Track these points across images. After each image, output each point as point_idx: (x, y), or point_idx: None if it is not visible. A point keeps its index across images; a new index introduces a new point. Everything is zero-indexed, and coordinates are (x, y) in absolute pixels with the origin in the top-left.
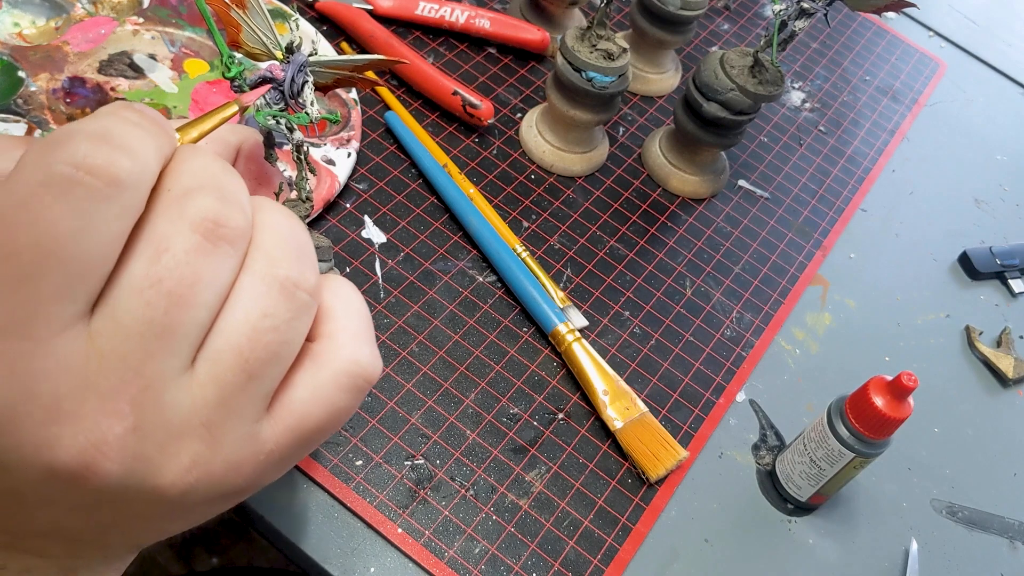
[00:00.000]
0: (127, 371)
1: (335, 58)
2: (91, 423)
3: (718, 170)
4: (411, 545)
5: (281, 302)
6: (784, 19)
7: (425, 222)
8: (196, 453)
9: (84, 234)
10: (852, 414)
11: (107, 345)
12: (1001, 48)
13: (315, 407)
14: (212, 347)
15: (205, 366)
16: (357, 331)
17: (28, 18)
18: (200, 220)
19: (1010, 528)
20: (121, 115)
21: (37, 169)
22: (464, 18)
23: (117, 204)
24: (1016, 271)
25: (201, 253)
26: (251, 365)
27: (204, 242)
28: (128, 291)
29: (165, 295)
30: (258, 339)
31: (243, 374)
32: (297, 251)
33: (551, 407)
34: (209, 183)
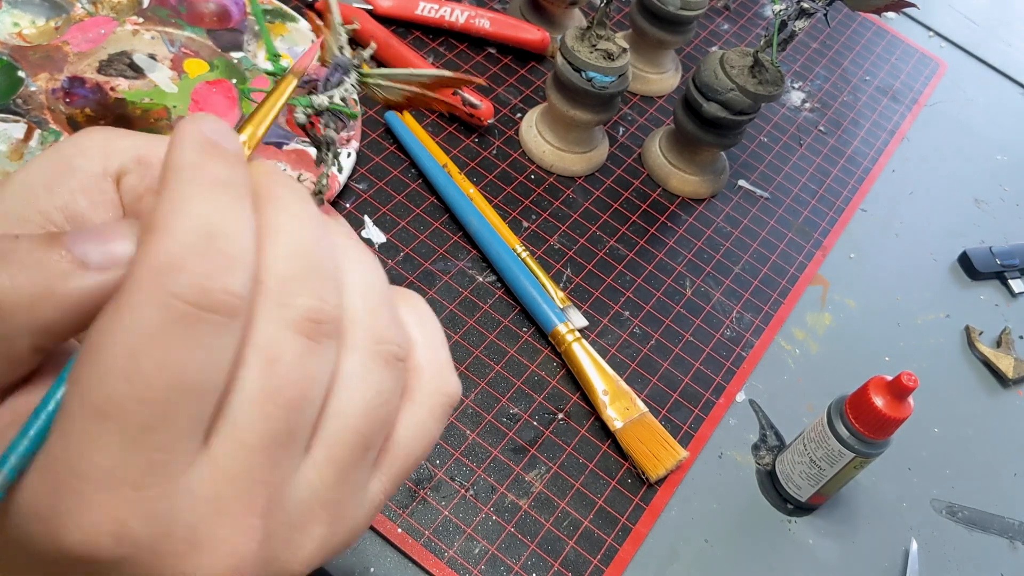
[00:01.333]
0: (254, 485)
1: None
2: (229, 547)
3: (718, 170)
4: (411, 545)
5: (387, 376)
6: (784, 19)
7: (425, 222)
8: (320, 536)
9: (210, 366)
10: (852, 414)
11: (232, 465)
12: (1001, 48)
13: (414, 445)
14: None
15: (321, 451)
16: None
17: (28, 18)
18: (302, 320)
19: (1010, 528)
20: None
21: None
22: (464, 18)
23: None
24: (1016, 271)
25: (309, 354)
26: (366, 439)
27: (309, 342)
28: (247, 407)
29: (284, 405)
30: (371, 415)
31: (360, 449)
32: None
33: (551, 407)
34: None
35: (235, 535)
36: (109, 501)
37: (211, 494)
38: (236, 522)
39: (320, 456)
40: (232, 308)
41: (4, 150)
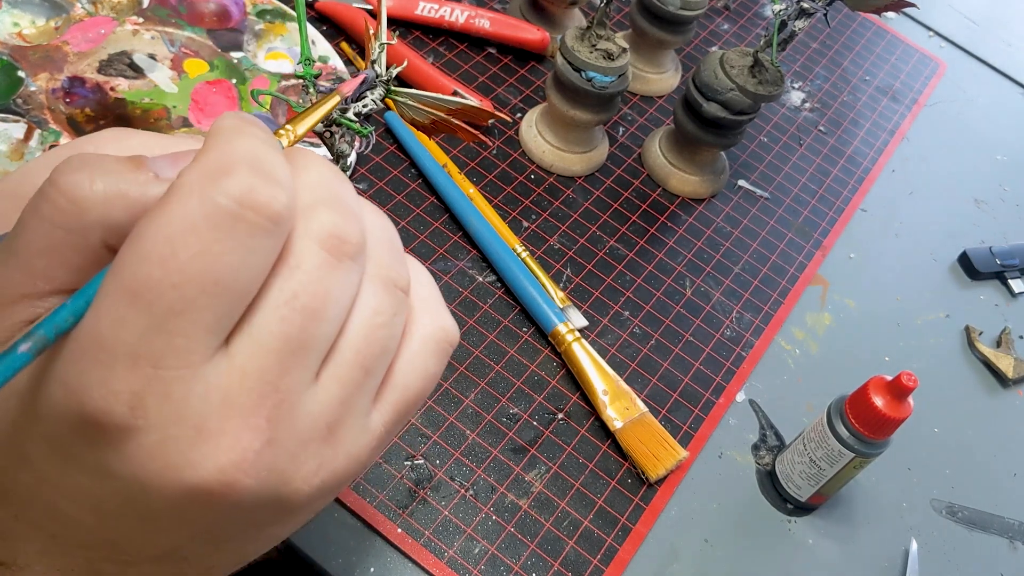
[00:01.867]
0: (265, 387)
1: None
2: (232, 440)
3: (718, 170)
4: (411, 545)
5: (387, 299)
6: (784, 19)
7: (425, 222)
8: (321, 456)
9: (243, 267)
10: (852, 414)
11: (248, 363)
12: (1001, 48)
13: (413, 379)
14: (335, 353)
15: (330, 370)
16: (435, 300)
17: (28, 18)
18: (326, 236)
19: (1010, 528)
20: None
21: (202, 200)
22: (464, 18)
23: (275, 238)
24: (1016, 271)
25: (329, 268)
26: (367, 361)
27: (330, 258)
28: (267, 309)
29: (300, 311)
30: (373, 336)
31: (361, 371)
32: (394, 250)
33: (551, 407)
34: (329, 197)
35: (241, 431)
36: (129, 374)
37: (225, 388)
38: (244, 419)
39: (327, 376)
40: (276, 215)
41: (4, 150)
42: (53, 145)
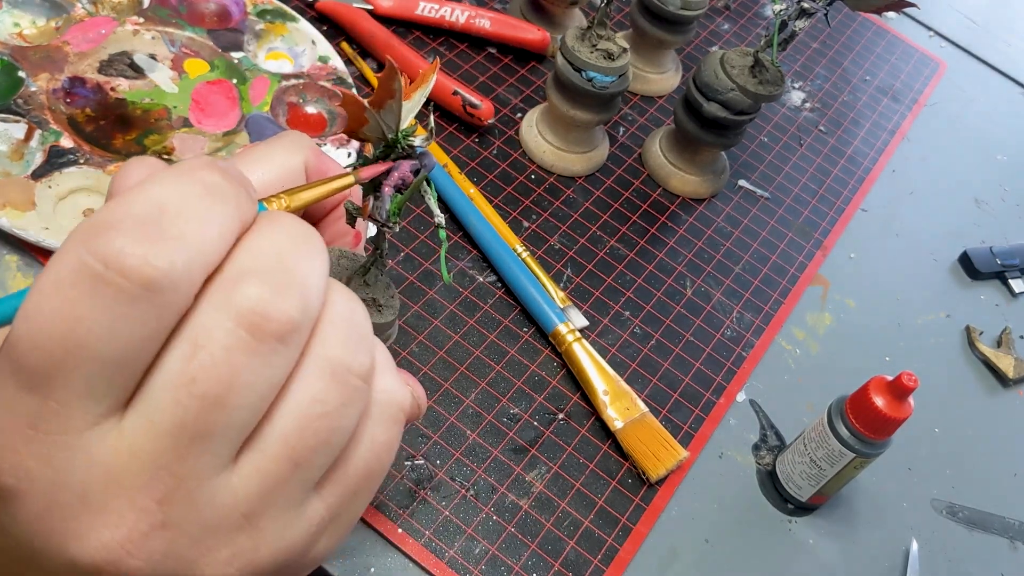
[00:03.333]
0: (157, 470)
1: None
2: (117, 519)
3: (718, 170)
4: (411, 545)
5: (333, 389)
6: (784, 19)
7: (425, 222)
8: (237, 546)
9: (112, 335)
10: (852, 414)
11: (137, 443)
12: (1001, 48)
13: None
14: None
15: (249, 458)
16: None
17: (28, 18)
18: (247, 312)
19: (1010, 528)
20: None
21: (72, 256)
22: (464, 18)
23: (151, 306)
24: (1016, 271)
25: (244, 350)
26: (298, 454)
27: (248, 338)
28: (160, 389)
29: (198, 397)
30: (307, 427)
31: (288, 463)
32: (353, 334)
33: (551, 407)
34: (268, 266)
35: (127, 511)
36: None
37: (111, 463)
38: (131, 499)
39: (245, 463)
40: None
41: (4, 150)
42: (54, 145)
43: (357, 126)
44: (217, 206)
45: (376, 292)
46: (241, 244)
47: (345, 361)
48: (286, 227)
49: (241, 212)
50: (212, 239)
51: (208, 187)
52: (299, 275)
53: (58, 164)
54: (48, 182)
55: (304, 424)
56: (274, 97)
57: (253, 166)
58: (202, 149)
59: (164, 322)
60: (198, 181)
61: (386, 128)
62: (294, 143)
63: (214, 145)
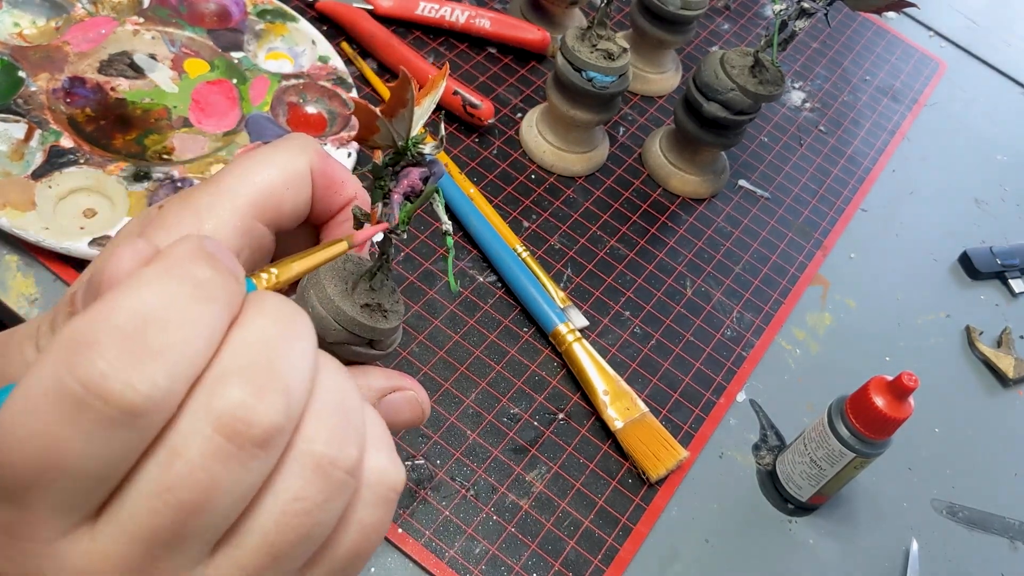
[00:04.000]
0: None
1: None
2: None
3: (718, 170)
4: (411, 545)
5: (315, 485)
6: (784, 19)
7: (425, 222)
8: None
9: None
10: (852, 414)
11: (110, 548)
12: (1001, 48)
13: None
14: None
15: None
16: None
17: (28, 18)
18: (227, 419)
19: (1010, 528)
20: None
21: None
22: (464, 18)
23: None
24: (1016, 271)
25: (222, 458)
26: (277, 549)
27: (228, 445)
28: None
29: (173, 505)
30: (287, 524)
31: (268, 558)
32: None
33: (551, 407)
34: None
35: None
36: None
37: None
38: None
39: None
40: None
41: (4, 150)
42: (54, 145)
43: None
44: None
45: (381, 297)
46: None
47: (330, 455)
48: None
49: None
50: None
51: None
52: (283, 371)
53: (58, 164)
54: (48, 182)
55: (284, 521)
56: (274, 97)
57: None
58: (202, 149)
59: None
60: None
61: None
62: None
63: (214, 145)
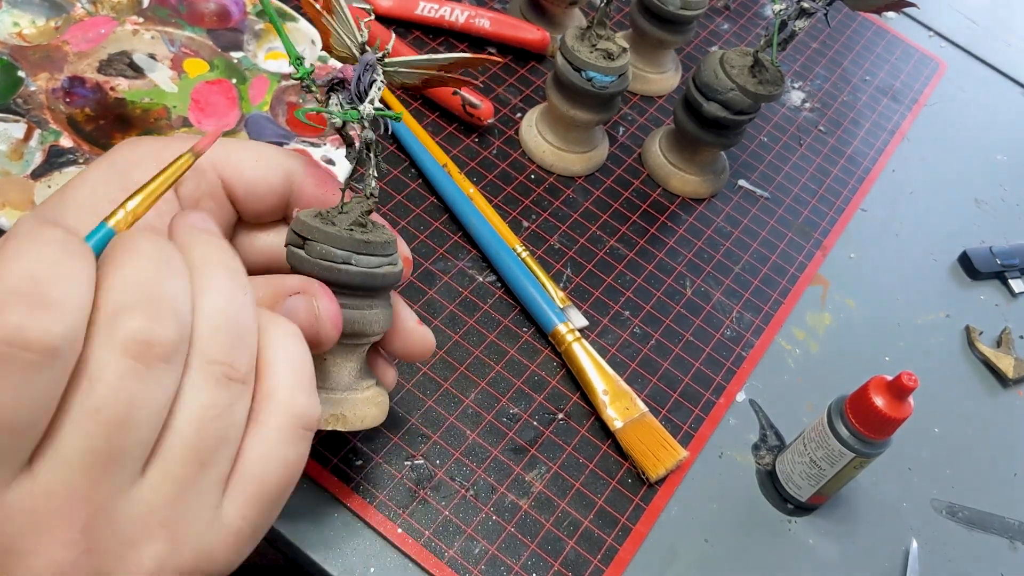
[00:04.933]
0: (75, 501)
1: (418, 58)
2: (45, 560)
3: (718, 170)
4: (411, 545)
5: (219, 393)
6: (784, 19)
7: (425, 222)
8: (158, 553)
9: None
10: (852, 414)
11: (53, 481)
12: (1001, 48)
13: (268, 468)
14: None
15: (157, 467)
16: (295, 381)
17: (28, 18)
18: (132, 343)
19: (1010, 528)
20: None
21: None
22: (464, 18)
23: (54, 369)
24: (1016, 271)
25: (135, 376)
26: (202, 454)
27: (136, 365)
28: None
29: (103, 424)
30: (205, 429)
31: (195, 464)
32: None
33: (551, 407)
34: (139, 298)
35: (53, 548)
36: None
37: (30, 508)
38: (55, 535)
39: (155, 473)
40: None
41: (4, 150)
42: (53, 145)
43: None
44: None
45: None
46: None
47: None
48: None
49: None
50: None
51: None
52: (168, 297)
53: (57, 164)
54: (47, 182)
55: (201, 426)
56: (274, 97)
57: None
58: None
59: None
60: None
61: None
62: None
63: None
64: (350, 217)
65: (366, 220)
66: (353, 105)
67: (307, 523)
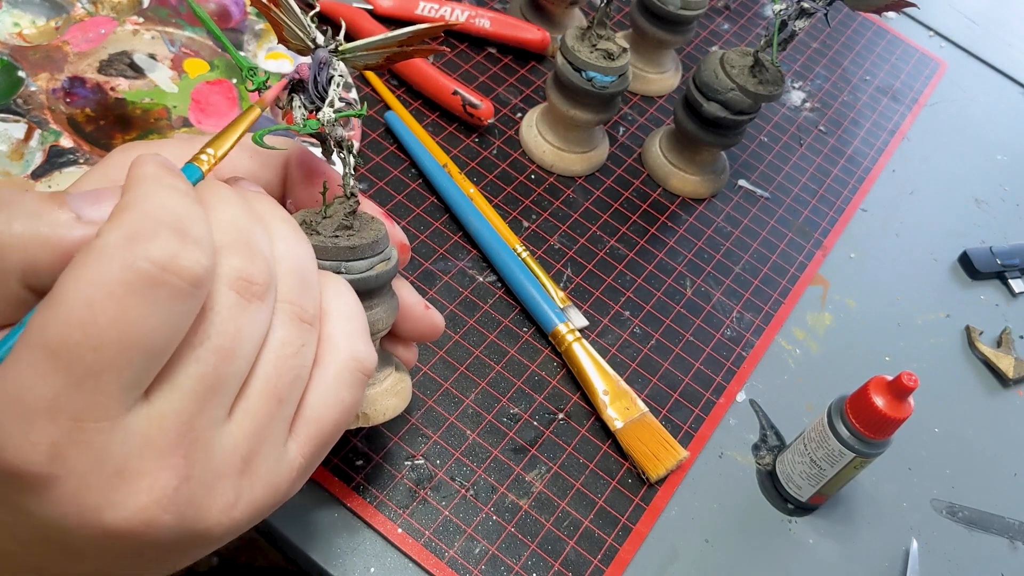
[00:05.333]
0: (182, 426)
1: (374, 39)
2: (152, 480)
3: (718, 170)
4: (411, 545)
5: (295, 332)
6: (784, 19)
7: (425, 222)
8: (238, 488)
9: (164, 328)
10: (852, 414)
11: (165, 406)
12: (1001, 48)
13: (328, 409)
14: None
15: (242, 405)
16: (351, 330)
17: (28, 18)
18: (236, 279)
19: (1010, 528)
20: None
21: (124, 265)
22: (464, 18)
23: (197, 299)
24: (1016, 271)
25: (239, 309)
26: (279, 392)
27: (240, 299)
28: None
29: (214, 351)
30: (282, 367)
31: (273, 402)
32: (302, 281)
33: (551, 407)
34: (237, 239)
35: (160, 471)
36: (48, 427)
37: (144, 433)
38: (163, 459)
39: (241, 409)
40: (198, 279)
41: (4, 150)
42: (54, 145)
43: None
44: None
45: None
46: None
47: (299, 307)
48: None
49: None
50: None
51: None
52: (257, 239)
53: (58, 164)
54: (48, 182)
55: (279, 364)
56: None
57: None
58: None
59: (198, 308)
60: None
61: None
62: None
63: None
64: (334, 222)
65: (351, 221)
66: (316, 105)
67: (307, 523)
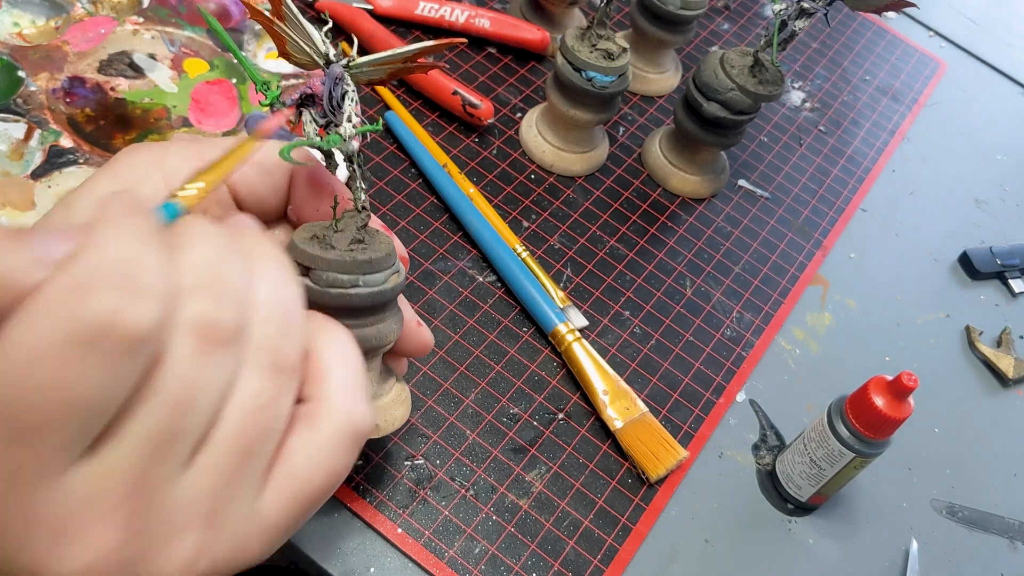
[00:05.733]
0: (131, 480)
1: (383, 55)
2: (93, 538)
3: (718, 170)
4: (411, 545)
5: (269, 383)
6: (784, 19)
7: (425, 222)
8: (199, 543)
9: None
10: (852, 414)
11: (112, 461)
12: (1001, 48)
13: (315, 473)
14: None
15: (204, 457)
16: (350, 387)
17: (28, 18)
18: (196, 326)
19: (1010, 528)
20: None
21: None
22: (464, 18)
23: (141, 355)
24: (1016, 271)
25: (199, 358)
26: (246, 445)
27: (200, 346)
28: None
29: (165, 404)
30: (252, 420)
31: (240, 455)
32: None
33: (551, 407)
34: (205, 281)
35: (103, 530)
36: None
37: (87, 491)
38: (108, 516)
39: (202, 461)
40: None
41: (4, 150)
42: (54, 145)
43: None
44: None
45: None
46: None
47: (277, 355)
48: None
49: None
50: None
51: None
52: (229, 281)
53: (58, 164)
54: (48, 182)
55: (247, 417)
56: None
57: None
58: None
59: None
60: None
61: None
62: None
63: None
64: (347, 236)
65: (363, 235)
66: (327, 119)
67: (307, 523)
